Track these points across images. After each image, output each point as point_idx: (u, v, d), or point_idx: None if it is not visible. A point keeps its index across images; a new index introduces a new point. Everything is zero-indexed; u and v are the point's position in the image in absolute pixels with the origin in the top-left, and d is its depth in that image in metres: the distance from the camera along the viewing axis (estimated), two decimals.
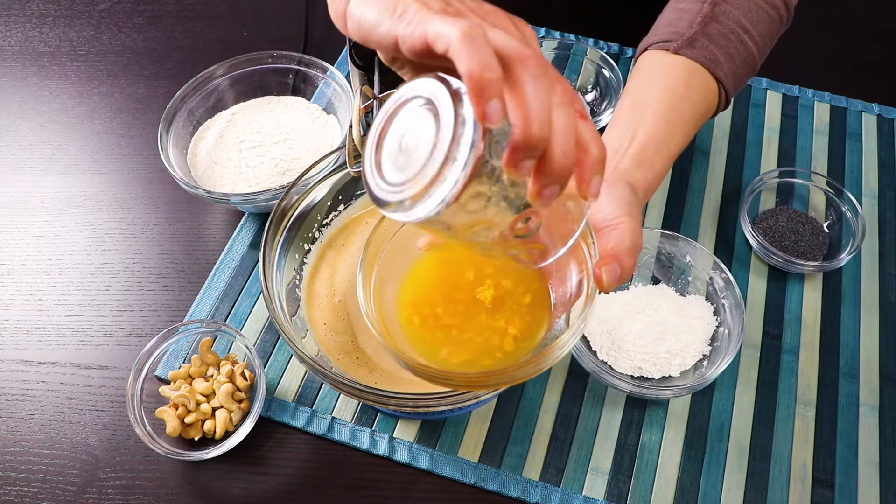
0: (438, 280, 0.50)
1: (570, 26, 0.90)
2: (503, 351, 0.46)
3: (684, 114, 0.60)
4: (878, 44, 0.91)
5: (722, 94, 0.63)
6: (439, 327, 0.47)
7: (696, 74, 0.61)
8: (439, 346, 0.47)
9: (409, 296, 0.49)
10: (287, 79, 0.80)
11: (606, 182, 0.52)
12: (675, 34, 0.62)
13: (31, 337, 0.69)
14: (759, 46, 0.64)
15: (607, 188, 0.51)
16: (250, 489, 0.60)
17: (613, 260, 0.45)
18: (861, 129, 0.82)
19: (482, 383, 0.45)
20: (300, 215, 0.60)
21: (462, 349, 0.47)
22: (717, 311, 0.65)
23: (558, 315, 0.48)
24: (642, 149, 0.57)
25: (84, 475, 0.61)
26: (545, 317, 0.48)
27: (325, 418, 0.63)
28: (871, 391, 0.65)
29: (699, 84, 0.61)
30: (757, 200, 0.74)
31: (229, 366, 0.63)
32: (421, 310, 0.48)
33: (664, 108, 0.59)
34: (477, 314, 0.48)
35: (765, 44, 0.65)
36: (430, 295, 0.49)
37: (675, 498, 0.60)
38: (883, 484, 0.61)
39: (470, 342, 0.47)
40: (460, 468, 0.61)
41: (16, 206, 0.77)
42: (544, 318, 0.48)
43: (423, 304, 0.48)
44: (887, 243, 0.74)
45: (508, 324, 0.47)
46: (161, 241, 0.74)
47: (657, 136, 0.57)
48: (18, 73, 0.88)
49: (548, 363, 0.44)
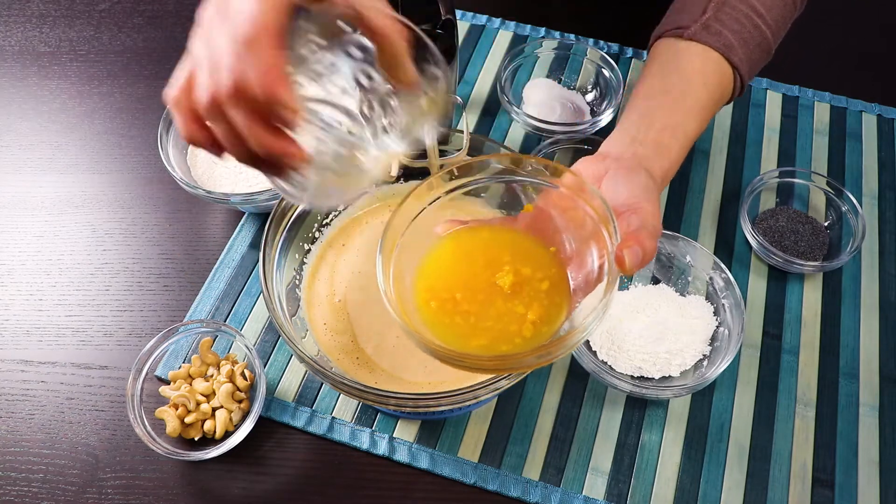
0: (457, 266, 0.50)
1: (570, 26, 0.90)
2: (522, 336, 0.47)
3: (700, 100, 0.60)
4: (878, 43, 0.91)
5: (737, 79, 0.63)
6: (458, 313, 0.48)
7: (710, 60, 0.61)
8: (457, 330, 0.47)
9: (428, 281, 0.50)
10: None
11: (625, 168, 0.53)
12: (688, 21, 0.62)
13: (31, 337, 0.69)
14: (773, 31, 0.64)
15: (626, 174, 0.52)
16: (250, 489, 0.60)
17: (635, 242, 0.46)
18: (861, 129, 0.82)
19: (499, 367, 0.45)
20: (300, 215, 0.60)
21: (480, 334, 0.47)
22: (717, 311, 0.65)
23: (578, 300, 0.49)
24: (659, 135, 0.57)
25: (84, 475, 0.61)
26: (564, 302, 0.48)
27: (325, 418, 0.63)
28: (871, 391, 0.65)
29: (714, 70, 0.61)
30: (757, 200, 0.74)
31: (229, 366, 0.63)
32: (439, 295, 0.49)
33: (680, 94, 0.59)
34: (495, 300, 0.48)
35: (779, 28, 0.65)
36: (449, 280, 0.50)
37: (675, 498, 0.60)
38: (883, 484, 0.61)
39: (488, 328, 0.47)
40: (460, 468, 0.61)
41: (16, 206, 0.77)
42: (563, 304, 0.48)
43: (441, 290, 0.49)
44: (887, 243, 0.74)
45: (527, 309, 0.47)
46: (161, 241, 0.74)
47: (674, 123, 0.58)
48: (18, 73, 0.88)
49: (568, 348, 0.44)
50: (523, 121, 0.78)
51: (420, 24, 0.60)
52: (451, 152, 0.59)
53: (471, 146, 0.59)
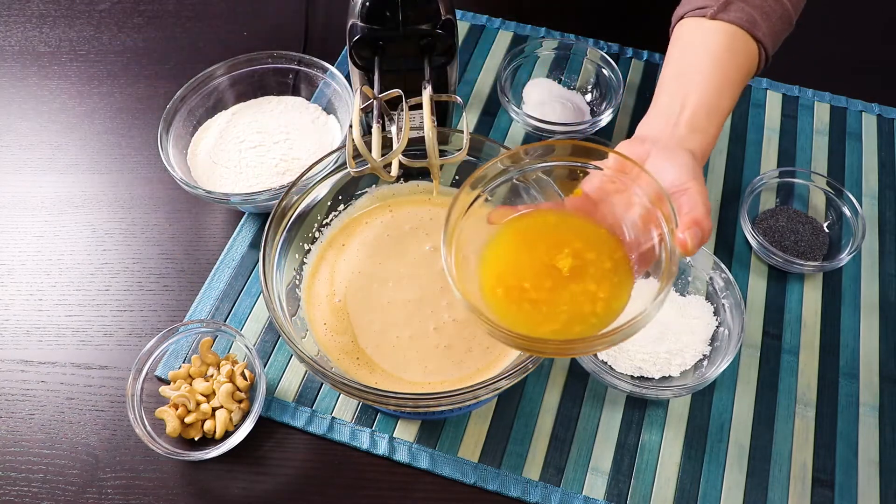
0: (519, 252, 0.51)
1: (570, 26, 0.90)
2: (596, 315, 0.48)
3: (730, 76, 0.61)
4: (878, 43, 0.91)
5: (762, 52, 0.64)
6: (526, 300, 0.49)
7: (735, 37, 0.62)
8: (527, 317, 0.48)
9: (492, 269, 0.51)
10: (287, 79, 0.80)
11: (666, 149, 0.54)
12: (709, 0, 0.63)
13: (31, 337, 0.69)
14: (794, 2, 0.65)
15: (668, 155, 0.53)
16: (250, 489, 0.60)
17: (694, 223, 0.48)
18: (861, 129, 0.82)
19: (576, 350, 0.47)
20: (300, 215, 0.60)
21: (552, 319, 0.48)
22: (717, 311, 0.65)
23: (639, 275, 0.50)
24: (694, 115, 0.58)
25: (84, 475, 0.61)
26: (627, 281, 0.50)
27: (325, 418, 0.63)
28: (871, 391, 0.65)
29: (740, 46, 0.62)
30: (757, 200, 0.74)
31: (229, 366, 0.63)
32: (505, 282, 0.50)
33: (710, 73, 0.60)
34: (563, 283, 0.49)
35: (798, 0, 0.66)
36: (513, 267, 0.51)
37: (675, 498, 0.60)
38: (883, 484, 0.61)
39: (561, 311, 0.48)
40: (460, 468, 0.61)
41: (16, 206, 0.77)
42: (627, 282, 0.50)
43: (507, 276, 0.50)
44: (887, 243, 0.74)
45: (598, 287, 0.49)
46: (161, 241, 0.74)
47: (707, 102, 0.59)
48: (18, 73, 0.88)
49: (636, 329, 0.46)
50: (523, 121, 0.78)
51: (420, 24, 0.60)
52: (451, 152, 0.59)
53: (471, 146, 0.59)
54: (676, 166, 0.52)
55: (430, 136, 0.53)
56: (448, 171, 0.65)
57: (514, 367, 0.50)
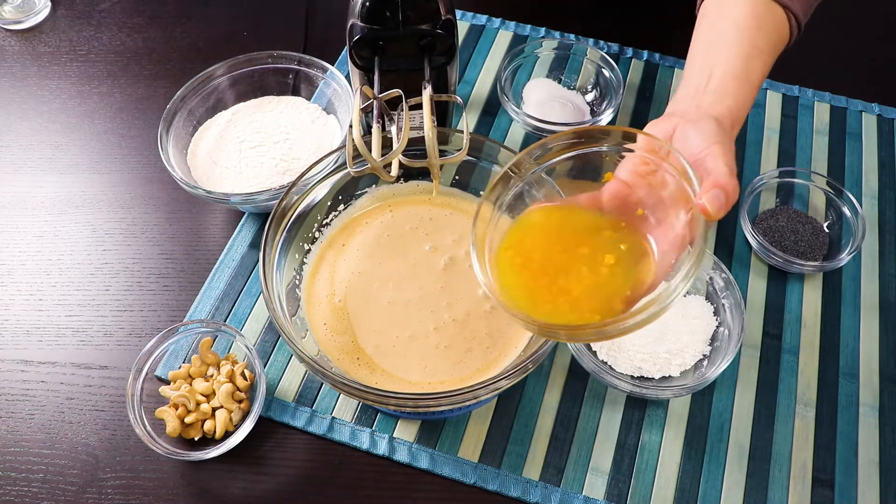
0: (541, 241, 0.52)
1: (570, 26, 0.90)
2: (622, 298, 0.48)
3: (758, 44, 0.60)
4: (878, 43, 0.91)
5: (791, 19, 0.63)
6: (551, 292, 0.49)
7: (760, 5, 0.61)
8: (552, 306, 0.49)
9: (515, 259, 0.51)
10: (287, 79, 0.80)
11: (690, 121, 0.53)
12: None
13: (31, 337, 0.69)
14: None
15: (693, 125, 0.53)
16: (250, 489, 0.60)
17: (713, 185, 0.46)
18: (861, 129, 0.82)
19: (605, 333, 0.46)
20: (300, 215, 0.60)
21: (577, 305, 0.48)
22: (717, 311, 0.65)
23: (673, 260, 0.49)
24: (722, 83, 0.57)
25: (84, 475, 0.61)
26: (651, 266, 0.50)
27: (325, 418, 0.63)
28: (871, 391, 0.65)
29: (766, 14, 0.61)
30: (757, 200, 0.74)
31: (229, 366, 0.63)
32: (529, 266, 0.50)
33: (737, 42, 0.59)
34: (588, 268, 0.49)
35: None
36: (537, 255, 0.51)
37: (675, 498, 0.60)
38: (883, 484, 0.61)
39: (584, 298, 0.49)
40: (460, 468, 0.61)
41: (16, 206, 0.77)
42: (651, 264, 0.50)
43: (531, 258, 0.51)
44: (887, 243, 0.74)
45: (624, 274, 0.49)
46: (161, 241, 0.74)
47: (736, 69, 0.58)
48: (18, 73, 0.88)
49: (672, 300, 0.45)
50: (523, 121, 0.78)
51: (420, 24, 0.60)
52: (451, 152, 0.59)
53: (471, 146, 0.59)
54: (700, 133, 0.51)
55: (430, 136, 0.53)
56: (448, 171, 0.65)
57: (514, 367, 0.50)
